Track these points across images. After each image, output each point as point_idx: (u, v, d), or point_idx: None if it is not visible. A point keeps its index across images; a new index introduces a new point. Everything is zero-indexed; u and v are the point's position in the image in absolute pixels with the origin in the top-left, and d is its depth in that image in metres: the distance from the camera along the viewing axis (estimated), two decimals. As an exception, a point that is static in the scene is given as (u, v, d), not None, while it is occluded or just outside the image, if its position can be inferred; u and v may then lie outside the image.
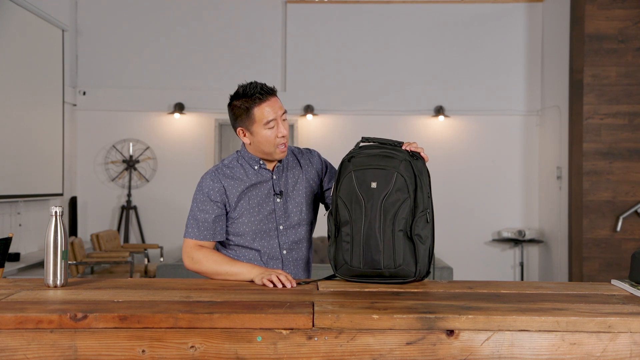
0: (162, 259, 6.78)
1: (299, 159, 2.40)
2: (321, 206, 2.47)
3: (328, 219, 2.17)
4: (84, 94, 7.20)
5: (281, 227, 2.31)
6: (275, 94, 2.29)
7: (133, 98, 7.23)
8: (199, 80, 7.27)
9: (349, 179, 2.11)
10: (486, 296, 1.87)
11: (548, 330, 1.61)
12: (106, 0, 7.27)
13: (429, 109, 7.22)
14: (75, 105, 7.20)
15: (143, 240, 7.15)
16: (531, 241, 7.03)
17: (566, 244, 6.42)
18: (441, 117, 7.17)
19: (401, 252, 2.04)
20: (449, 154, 7.20)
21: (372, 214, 2.05)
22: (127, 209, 7.12)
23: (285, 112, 2.29)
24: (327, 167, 2.44)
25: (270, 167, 2.34)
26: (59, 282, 1.97)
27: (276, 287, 2.02)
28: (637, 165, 5.93)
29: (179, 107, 7.13)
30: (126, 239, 7.08)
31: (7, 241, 2.35)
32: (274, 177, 2.33)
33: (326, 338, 1.61)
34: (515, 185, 7.29)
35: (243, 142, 2.34)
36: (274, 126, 2.25)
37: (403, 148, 2.14)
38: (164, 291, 1.91)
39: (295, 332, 1.61)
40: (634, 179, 5.94)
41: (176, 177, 7.24)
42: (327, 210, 2.37)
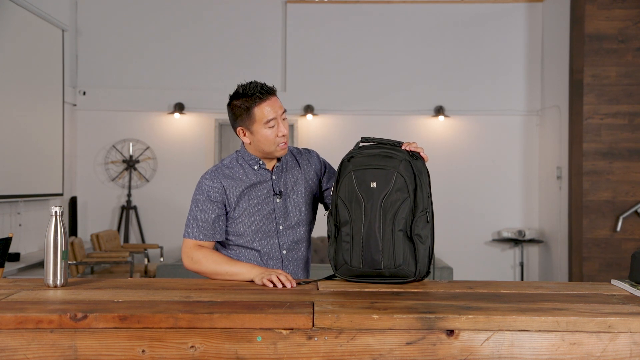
0: (162, 259, 6.78)
1: (297, 159, 2.40)
2: (321, 206, 2.47)
3: (328, 219, 2.16)
4: (84, 94, 7.20)
5: (281, 227, 2.31)
6: (275, 94, 2.29)
7: (133, 98, 7.23)
8: (199, 80, 7.27)
9: (348, 179, 2.11)
10: (486, 296, 1.87)
11: (548, 330, 1.61)
12: (106, 0, 7.27)
13: (429, 109, 7.22)
14: (75, 105, 7.20)
15: (143, 240, 7.15)
16: (531, 241, 7.03)
17: (566, 244, 6.42)
18: (441, 117, 7.16)
19: (401, 252, 2.04)
20: (449, 154, 7.20)
21: (372, 214, 2.05)
22: (127, 209, 7.12)
23: (285, 111, 2.30)
24: (325, 167, 2.45)
25: (269, 167, 2.34)
26: (59, 282, 1.97)
27: (276, 287, 2.02)
28: (637, 165, 5.93)
29: (179, 107, 7.13)
30: (126, 239, 7.08)
31: (7, 241, 2.35)
32: (273, 177, 2.33)
33: (326, 338, 1.61)
34: (515, 185, 7.28)
35: (243, 142, 2.34)
36: (274, 125, 2.25)
37: (403, 148, 2.14)
38: (164, 291, 1.91)
39: (295, 332, 1.61)
40: (634, 179, 5.94)
41: (176, 177, 7.24)
42: (326, 210, 2.37)
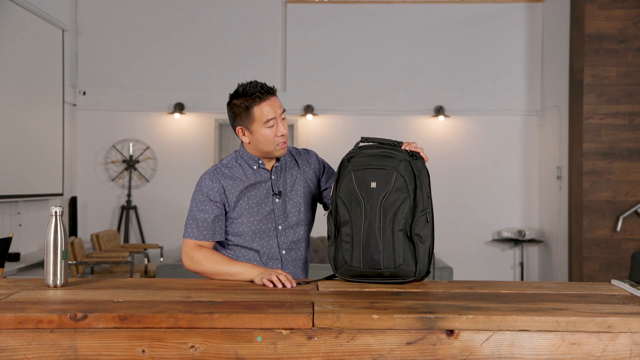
0: (162, 259, 6.78)
1: (296, 159, 2.40)
2: (320, 206, 2.47)
3: (328, 219, 2.16)
4: (84, 94, 7.20)
5: (280, 227, 2.31)
6: (275, 93, 2.29)
7: (133, 98, 7.23)
8: (199, 80, 7.27)
9: (348, 179, 2.10)
10: (486, 296, 1.87)
11: (548, 330, 1.61)
12: (106, 0, 7.27)
13: (429, 109, 7.22)
14: (75, 105, 7.20)
15: (143, 240, 7.15)
16: (531, 241, 7.03)
17: (566, 244, 6.42)
18: (441, 117, 7.16)
19: (401, 252, 2.04)
20: (449, 154, 7.20)
21: (371, 214, 2.05)
22: (127, 209, 7.12)
23: (284, 111, 2.30)
24: (324, 167, 2.45)
25: (268, 167, 2.34)
26: (59, 282, 1.97)
27: (276, 287, 2.02)
28: (637, 165, 5.93)
29: (179, 107, 7.13)
30: (126, 239, 7.08)
31: (7, 241, 2.36)
32: (272, 177, 2.33)
33: (326, 338, 1.61)
34: (515, 185, 7.28)
35: (242, 142, 2.34)
36: (273, 125, 2.25)
37: (402, 148, 2.14)
38: (164, 291, 1.91)
39: (295, 332, 1.61)
40: (634, 179, 5.94)
41: (176, 177, 7.24)
42: (325, 210, 2.37)
